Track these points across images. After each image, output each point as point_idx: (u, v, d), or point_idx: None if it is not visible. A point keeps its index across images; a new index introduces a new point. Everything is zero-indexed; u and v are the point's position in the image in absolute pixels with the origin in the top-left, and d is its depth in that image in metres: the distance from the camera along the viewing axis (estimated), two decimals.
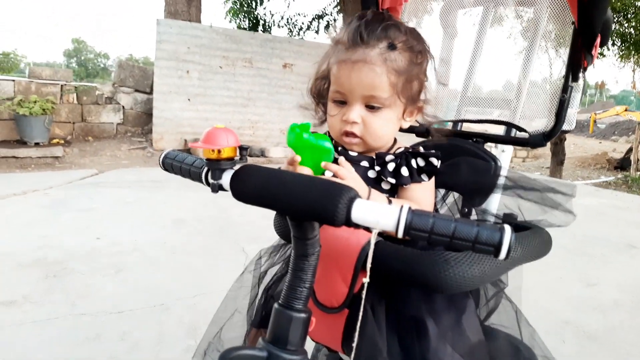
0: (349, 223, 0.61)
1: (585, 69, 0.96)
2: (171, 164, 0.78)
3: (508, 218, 0.95)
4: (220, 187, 0.71)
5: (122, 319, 2.12)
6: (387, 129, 0.86)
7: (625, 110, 10.48)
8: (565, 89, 0.96)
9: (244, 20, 13.03)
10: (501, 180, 1.00)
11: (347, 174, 0.77)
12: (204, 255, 3.04)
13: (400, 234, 0.58)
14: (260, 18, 13.05)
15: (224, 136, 0.68)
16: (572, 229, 0.92)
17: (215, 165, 0.70)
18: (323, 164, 0.75)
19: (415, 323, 0.79)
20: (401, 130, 0.94)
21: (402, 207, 0.58)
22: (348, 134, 0.86)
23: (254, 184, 0.67)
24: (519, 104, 1.16)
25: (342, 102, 0.85)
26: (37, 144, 6.69)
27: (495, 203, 1.04)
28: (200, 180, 0.74)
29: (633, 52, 7.61)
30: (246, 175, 0.68)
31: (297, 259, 0.70)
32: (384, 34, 0.81)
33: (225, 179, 0.70)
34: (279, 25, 13.40)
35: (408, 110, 0.88)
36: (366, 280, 0.62)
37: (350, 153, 0.91)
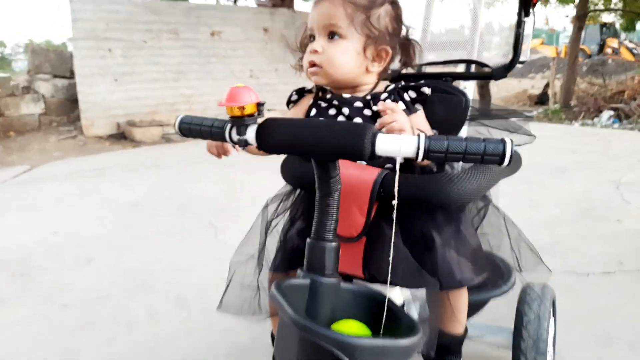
0: (373, 156, 0.71)
1: (534, 5, 1.08)
2: (189, 128, 0.82)
3: None
4: (247, 142, 0.77)
5: (110, 302, 2.11)
6: (344, 58, 0.94)
7: (542, 43, 11.21)
8: (519, 24, 1.09)
9: None
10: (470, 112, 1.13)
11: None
12: (172, 234, 3.01)
13: (420, 158, 0.68)
14: None
15: (246, 94, 0.74)
16: None
17: (240, 122, 0.76)
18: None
19: (423, 237, 0.91)
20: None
21: (419, 135, 0.68)
22: (311, 64, 0.95)
23: (280, 134, 0.74)
24: (474, 42, 1.28)
25: (312, 40, 0.96)
26: None
27: (466, 133, 1.17)
28: (223, 139, 0.79)
29: None
30: (272, 127, 0.75)
31: (323, 197, 0.79)
32: None
33: (250, 133, 0.76)
34: None
35: (371, 49, 0.95)
36: (395, 202, 0.72)
37: (344, 95, 0.99)
